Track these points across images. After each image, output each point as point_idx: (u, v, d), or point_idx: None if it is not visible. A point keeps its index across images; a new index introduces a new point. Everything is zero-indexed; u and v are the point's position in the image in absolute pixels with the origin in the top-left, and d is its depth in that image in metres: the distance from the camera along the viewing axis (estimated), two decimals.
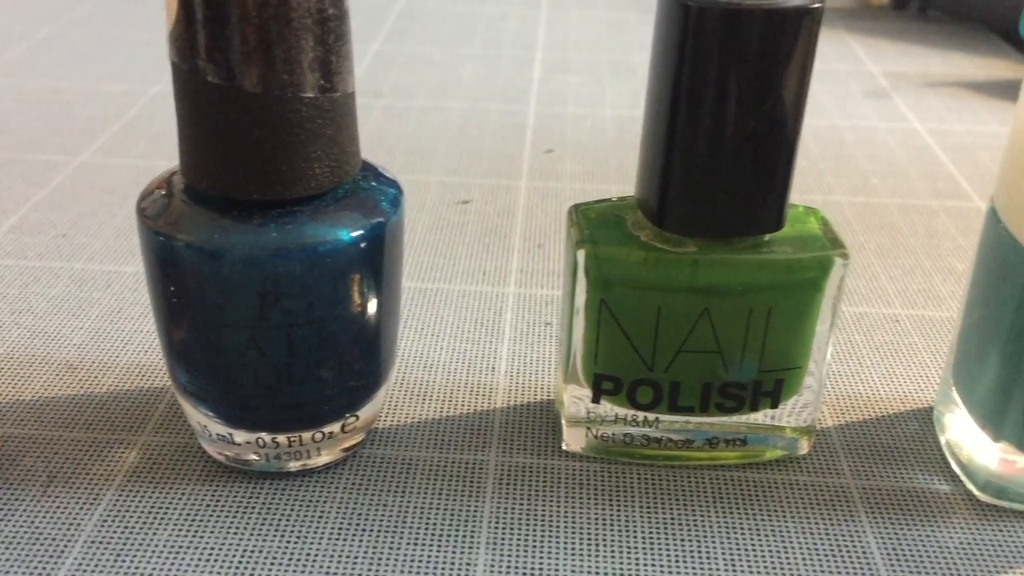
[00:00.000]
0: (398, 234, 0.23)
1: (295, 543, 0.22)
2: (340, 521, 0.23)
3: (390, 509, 0.23)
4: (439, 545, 0.23)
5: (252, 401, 0.23)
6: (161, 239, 0.21)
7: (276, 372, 0.22)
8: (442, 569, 0.22)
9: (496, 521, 0.23)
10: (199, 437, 0.24)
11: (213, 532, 0.23)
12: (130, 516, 0.23)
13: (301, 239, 0.21)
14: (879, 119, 0.47)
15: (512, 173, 0.41)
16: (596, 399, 0.24)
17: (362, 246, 0.22)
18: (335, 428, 0.24)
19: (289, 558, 0.22)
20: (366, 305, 0.23)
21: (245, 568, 0.22)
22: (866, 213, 0.38)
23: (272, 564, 0.22)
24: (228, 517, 0.23)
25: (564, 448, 0.25)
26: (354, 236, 0.22)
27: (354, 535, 0.23)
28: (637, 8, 0.65)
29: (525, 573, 0.22)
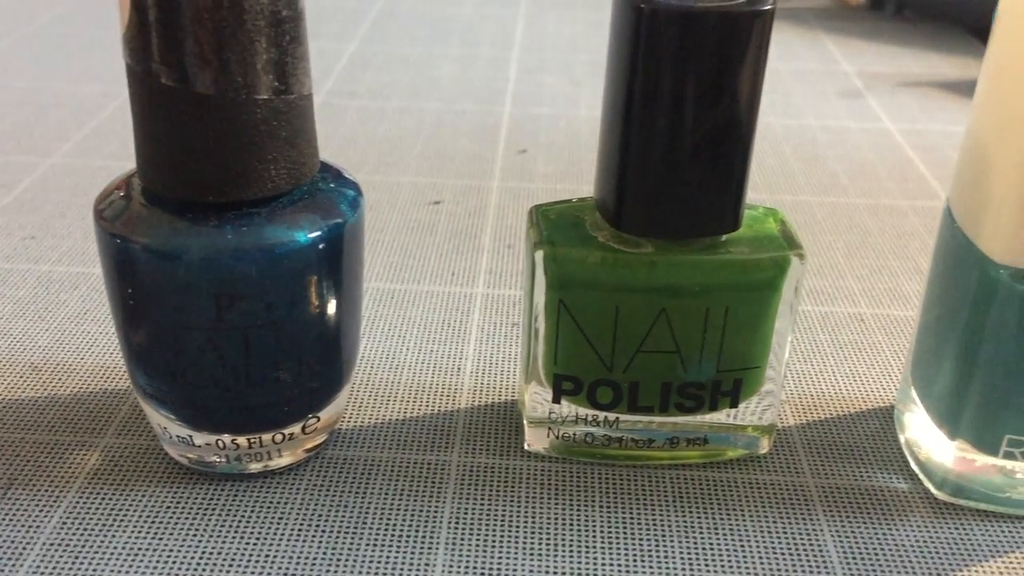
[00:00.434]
0: (358, 236, 0.23)
1: (254, 544, 0.22)
2: (300, 522, 0.23)
3: (350, 510, 0.24)
4: (398, 546, 0.23)
5: (211, 403, 0.23)
6: (117, 241, 0.21)
7: (234, 374, 0.22)
8: (400, 570, 0.22)
9: (456, 521, 0.23)
10: (161, 439, 0.24)
11: (172, 534, 0.23)
12: (90, 518, 0.23)
13: (257, 241, 0.21)
14: (851, 119, 0.47)
15: (484, 174, 0.41)
16: (556, 399, 0.25)
17: (320, 248, 0.22)
18: (296, 429, 0.24)
19: (247, 560, 0.22)
20: (325, 306, 0.23)
21: (203, 570, 0.22)
22: (835, 213, 0.39)
23: (230, 566, 0.22)
24: (188, 519, 0.23)
25: (526, 448, 0.26)
26: (311, 238, 0.22)
27: (313, 536, 0.23)
28: None
29: (483, 573, 0.22)
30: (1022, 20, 0.21)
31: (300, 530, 0.23)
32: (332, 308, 0.23)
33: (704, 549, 0.23)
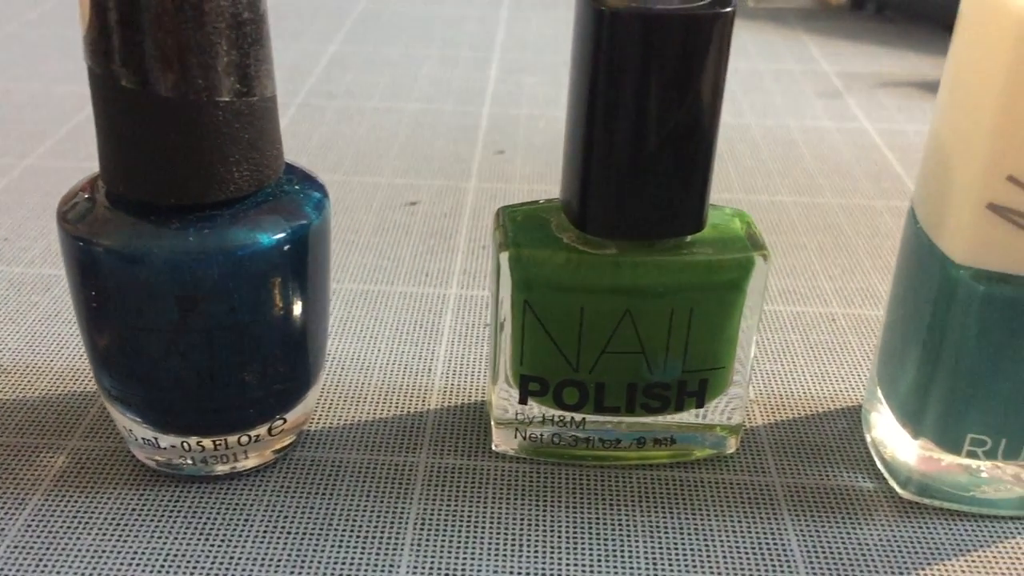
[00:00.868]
0: (323, 238, 0.23)
1: (218, 546, 0.22)
2: (265, 524, 0.23)
3: (316, 511, 0.24)
4: (363, 547, 0.23)
5: (176, 405, 0.23)
6: (80, 244, 0.21)
7: (198, 376, 0.22)
8: (364, 571, 0.22)
9: (422, 522, 0.23)
10: (127, 442, 0.24)
11: (137, 536, 0.23)
12: (55, 521, 0.23)
13: (220, 243, 0.21)
14: (829, 119, 0.48)
15: (462, 174, 0.41)
16: (523, 400, 0.25)
17: (284, 250, 0.22)
18: (262, 431, 0.24)
19: (212, 561, 0.22)
20: (290, 309, 0.23)
21: (165, 572, 0.22)
22: (810, 213, 0.39)
23: (193, 568, 0.22)
24: (153, 521, 0.23)
25: (494, 449, 0.26)
26: (275, 240, 0.22)
27: (278, 538, 0.23)
28: None
29: (447, 574, 0.22)
30: (981, 25, 0.21)
31: (265, 532, 0.23)
32: (297, 310, 0.23)
33: (668, 549, 0.23)
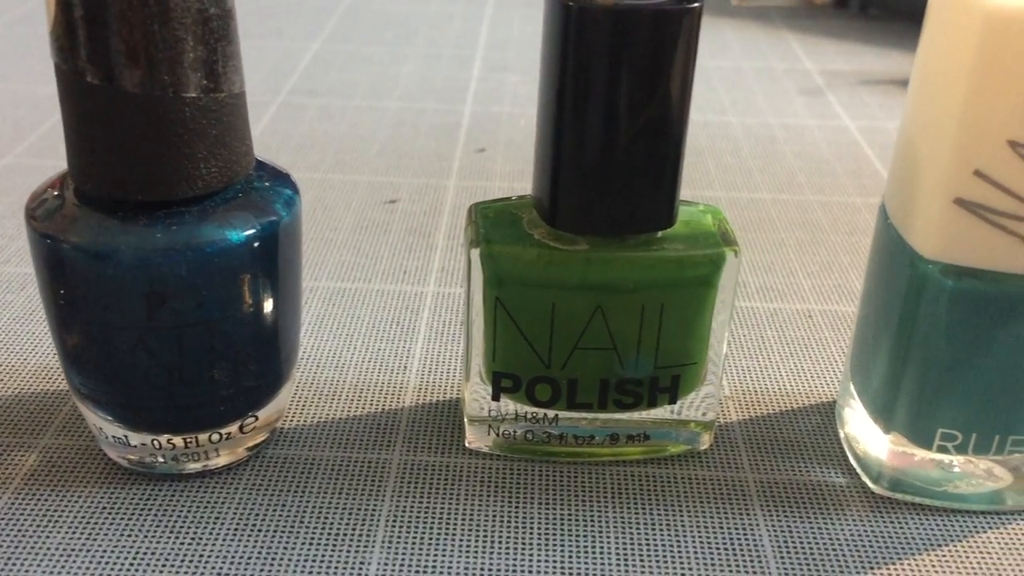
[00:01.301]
0: (293, 235, 0.23)
1: (189, 544, 0.22)
2: (237, 522, 0.23)
3: (288, 509, 0.23)
4: (334, 545, 0.23)
5: (145, 403, 0.23)
6: (48, 241, 0.21)
7: (167, 373, 0.22)
8: (335, 569, 0.22)
9: (394, 520, 0.23)
10: (98, 440, 0.24)
11: (107, 535, 0.23)
12: (24, 520, 0.23)
13: (188, 240, 0.21)
14: (811, 116, 0.48)
15: (442, 172, 0.41)
16: (496, 397, 0.25)
17: (254, 247, 0.22)
18: (233, 429, 0.24)
19: (181, 560, 0.22)
20: (260, 306, 0.23)
21: (135, 570, 0.22)
22: (790, 210, 0.39)
23: (163, 566, 0.22)
24: (123, 520, 0.23)
25: (467, 446, 0.26)
26: (243, 237, 0.22)
27: (249, 536, 0.23)
28: None
29: (417, 571, 0.22)
30: (948, 20, 0.21)
31: (236, 530, 0.23)
32: (268, 307, 0.23)
33: (640, 545, 0.23)
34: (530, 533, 0.23)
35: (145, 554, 0.22)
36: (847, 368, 0.26)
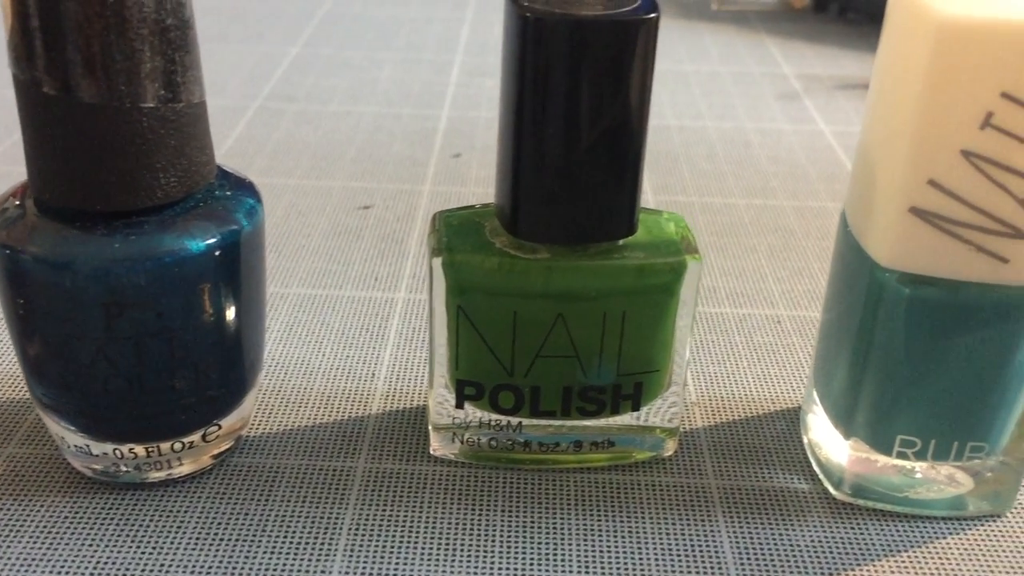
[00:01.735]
0: (256, 244, 0.23)
1: (150, 554, 0.22)
2: (199, 531, 0.23)
3: (251, 518, 0.23)
4: (296, 553, 0.23)
5: (106, 412, 0.23)
6: (7, 252, 0.21)
7: (127, 383, 0.22)
8: None
9: (356, 528, 0.23)
10: (61, 450, 0.24)
11: (68, 544, 0.23)
12: None
13: (146, 249, 0.21)
14: (786, 121, 0.48)
15: (417, 178, 0.41)
16: (460, 404, 0.25)
17: (214, 256, 0.22)
18: (195, 438, 0.24)
19: (141, 569, 0.22)
20: (221, 315, 0.23)
21: None
22: (763, 215, 0.39)
23: (123, 575, 0.22)
24: (85, 529, 0.23)
25: (432, 453, 0.26)
26: (204, 246, 0.22)
27: (211, 545, 0.23)
28: None
29: None
30: (902, 29, 0.21)
31: (198, 539, 0.23)
32: (230, 316, 0.23)
33: (601, 552, 0.23)
34: (492, 541, 0.23)
35: (105, 564, 0.22)
36: (810, 374, 0.26)
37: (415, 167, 0.42)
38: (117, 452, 0.23)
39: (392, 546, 0.23)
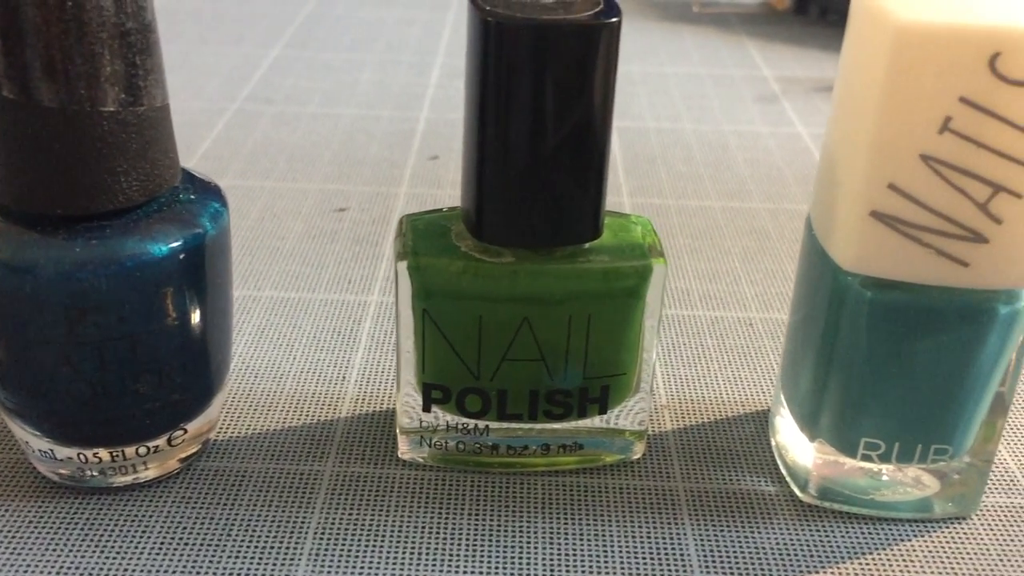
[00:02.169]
0: (221, 247, 0.23)
1: (113, 559, 0.22)
2: (163, 536, 0.23)
3: (216, 522, 0.23)
4: (260, 557, 0.23)
5: (70, 416, 0.23)
6: None
7: (90, 387, 0.22)
8: None
9: (322, 532, 0.23)
10: (27, 454, 0.24)
11: (31, 549, 0.22)
12: None
13: (107, 254, 0.21)
14: (764, 124, 0.48)
15: (393, 180, 0.41)
16: (427, 408, 0.25)
17: (178, 260, 0.22)
18: (161, 442, 0.24)
19: (106, 573, 0.22)
20: (186, 319, 0.23)
21: None
22: (738, 217, 0.39)
23: None
24: (49, 534, 0.23)
25: (401, 457, 0.26)
26: (166, 250, 0.22)
27: (175, 549, 0.23)
28: None
29: None
30: (863, 33, 0.21)
31: (162, 544, 0.23)
32: (194, 320, 0.23)
33: (567, 555, 0.23)
34: (458, 544, 0.23)
35: (68, 569, 0.22)
36: (778, 377, 0.26)
37: (392, 169, 0.42)
38: (82, 457, 0.23)
39: (357, 550, 0.23)
